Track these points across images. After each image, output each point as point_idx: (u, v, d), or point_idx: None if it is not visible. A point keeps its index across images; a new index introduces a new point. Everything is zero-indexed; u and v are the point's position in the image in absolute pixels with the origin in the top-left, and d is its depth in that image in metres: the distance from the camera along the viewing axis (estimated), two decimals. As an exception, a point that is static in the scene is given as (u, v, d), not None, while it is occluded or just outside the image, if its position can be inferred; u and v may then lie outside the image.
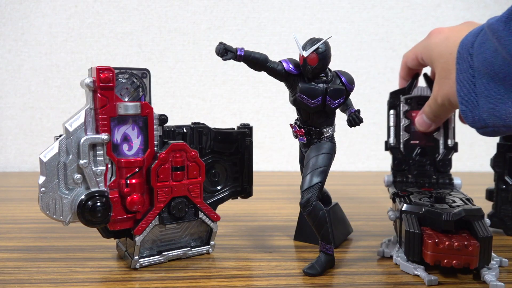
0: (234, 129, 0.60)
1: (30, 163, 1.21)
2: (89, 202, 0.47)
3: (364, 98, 1.23)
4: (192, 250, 0.56)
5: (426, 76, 0.66)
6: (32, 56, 1.18)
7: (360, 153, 1.26)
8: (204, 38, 1.20)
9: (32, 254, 0.56)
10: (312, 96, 0.50)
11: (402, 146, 0.65)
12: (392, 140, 0.66)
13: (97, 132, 0.48)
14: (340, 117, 0.55)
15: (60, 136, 0.47)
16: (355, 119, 0.51)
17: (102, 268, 0.52)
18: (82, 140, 0.47)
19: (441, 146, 0.65)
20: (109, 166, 0.49)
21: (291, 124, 0.55)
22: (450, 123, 0.65)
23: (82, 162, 0.47)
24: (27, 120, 1.20)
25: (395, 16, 1.22)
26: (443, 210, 0.50)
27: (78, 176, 0.47)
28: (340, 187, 0.99)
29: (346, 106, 0.53)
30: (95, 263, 0.53)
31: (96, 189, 0.48)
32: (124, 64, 1.17)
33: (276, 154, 1.24)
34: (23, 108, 1.20)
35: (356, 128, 0.56)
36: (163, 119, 0.52)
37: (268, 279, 0.49)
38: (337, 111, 0.54)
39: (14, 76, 1.19)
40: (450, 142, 0.64)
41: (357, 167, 1.26)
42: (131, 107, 0.49)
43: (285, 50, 1.20)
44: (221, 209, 0.59)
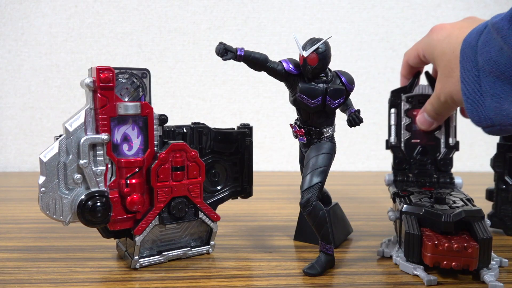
0: (234, 129, 0.60)
1: (30, 163, 1.21)
2: (89, 202, 0.47)
3: (364, 98, 1.23)
4: (192, 250, 0.56)
5: (428, 74, 0.65)
6: (32, 56, 1.18)
7: (360, 153, 1.26)
8: (204, 38, 1.20)
9: (32, 254, 0.56)
10: (312, 96, 0.50)
11: (403, 145, 0.65)
12: (393, 139, 0.65)
13: (97, 132, 0.48)
14: (340, 117, 0.55)
15: (60, 136, 0.47)
16: (355, 119, 0.51)
17: (102, 268, 0.52)
18: (82, 140, 0.47)
19: (442, 145, 0.64)
20: (109, 166, 0.49)
21: (291, 124, 0.55)
22: (451, 122, 0.64)
23: (82, 162, 0.47)
24: (27, 120, 1.20)
25: (395, 16, 1.22)
26: (443, 212, 0.50)
27: (78, 176, 0.47)
28: (340, 187, 0.99)
29: (346, 106, 0.53)
30: (95, 263, 0.53)
31: (96, 189, 0.48)
32: (124, 64, 1.17)
33: (276, 154, 1.24)
34: (23, 108, 1.20)
35: (356, 128, 0.56)
36: (163, 119, 0.52)
37: (268, 279, 0.49)
38: (337, 111, 0.54)
39: (14, 76, 1.19)
40: (452, 141, 0.64)
41: (357, 167, 1.26)
42: (131, 107, 0.49)
43: (285, 50, 1.20)
44: (221, 209, 0.59)
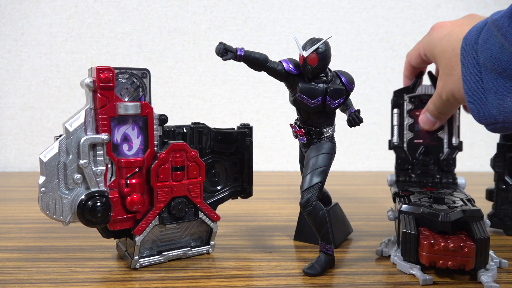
0: (234, 129, 0.60)
1: (30, 163, 1.21)
2: (89, 202, 0.47)
3: (364, 98, 1.23)
4: (192, 250, 0.56)
5: (431, 74, 0.65)
6: (32, 56, 1.18)
7: (360, 153, 1.26)
8: (204, 38, 1.20)
9: (32, 254, 0.56)
10: (312, 96, 0.50)
11: (405, 145, 0.65)
12: (396, 139, 0.65)
13: (97, 132, 0.48)
14: (340, 117, 0.55)
15: (60, 136, 0.47)
16: (355, 119, 0.51)
17: (102, 268, 0.52)
18: (82, 140, 0.47)
19: (445, 145, 0.64)
20: (109, 166, 0.49)
21: (291, 124, 0.55)
22: (454, 122, 0.64)
23: (82, 162, 0.47)
24: (27, 120, 1.20)
25: (395, 16, 1.22)
26: (440, 211, 0.50)
27: (78, 176, 0.47)
28: (340, 187, 0.99)
29: (346, 106, 0.53)
30: (95, 263, 0.53)
31: (96, 189, 0.48)
32: (124, 64, 1.17)
33: (276, 154, 1.24)
34: (23, 108, 1.20)
35: (356, 128, 0.56)
36: (163, 119, 0.52)
37: (268, 279, 0.49)
38: (337, 111, 0.54)
39: (14, 76, 1.19)
40: (455, 141, 0.64)
41: (357, 167, 1.26)
42: (131, 107, 0.49)
43: (285, 50, 1.20)
44: (221, 209, 0.59)
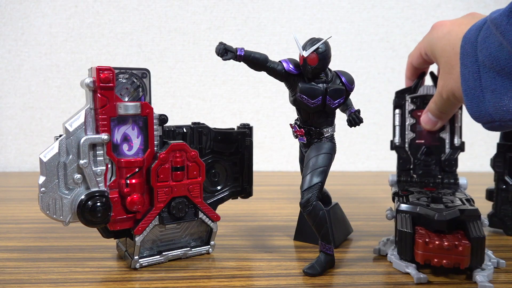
0: (234, 129, 0.60)
1: (30, 163, 1.21)
2: (89, 202, 0.47)
3: (364, 98, 1.23)
4: (192, 250, 0.56)
5: (433, 74, 0.65)
6: (32, 56, 1.18)
7: (360, 153, 1.26)
8: (204, 38, 1.20)
9: (32, 254, 0.56)
10: (312, 96, 0.50)
11: (407, 145, 0.65)
12: (398, 139, 0.65)
13: (97, 132, 0.48)
14: (340, 117, 0.55)
15: (60, 136, 0.47)
16: (355, 119, 0.52)
17: (102, 268, 0.52)
18: (82, 140, 0.47)
19: (447, 146, 0.64)
20: (109, 166, 0.49)
21: (291, 124, 0.55)
22: (456, 122, 0.64)
23: (82, 162, 0.47)
24: (27, 120, 1.20)
25: (395, 16, 1.22)
26: (437, 210, 0.50)
27: (78, 176, 0.47)
28: (340, 187, 0.99)
29: (346, 106, 0.53)
30: (95, 263, 0.53)
31: (96, 189, 0.48)
32: (124, 64, 1.17)
33: (276, 154, 1.24)
34: (23, 108, 1.20)
35: (356, 128, 0.56)
36: (163, 119, 0.52)
37: (268, 279, 0.49)
38: (337, 111, 0.54)
39: (14, 76, 1.19)
40: (457, 141, 0.63)
41: (357, 167, 1.26)
42: (131, 107, 0.49)
43: (285, 50, 1.20)
44: (221, 209, 0.59)
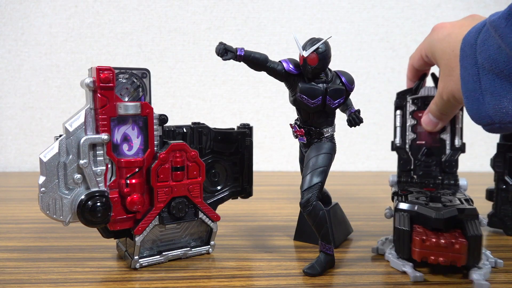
0: (234, 129, 0.60)
1: (30, 163, 1.21)
2: (89, 202, 0.47)
3: (364, 98, 1.23)
4: (192, 250, 0.56)
5: (434, 76, 0.65)
6: (32, 56, 1.18)
7: (360, 153, 1.26)
8: (204, 38, 1.20)
9: (32, 254, 0.56)
10: (312, 96, 0.50)
11: (408, 146, 0.65)
12: (398, 140, 0.65)
13: (97, 132, 0.48)
14: (340, 117, 0.55)
15: (60, 136, 0.47)
16: (355, 119, 0.52)
17: (102, 268, 0.52)
18: (82, 140, 0.47)
19: (447, 147, 0.64)
20: (109, 166, 0.49)
21: (291, 124, 0.55)
22: (457, 123, 0.64)
23: (82, 162, 0.47)
24: (27, 120, 1.20)
25: (395, 16, 1.22)
26: (435, 209, 0.51)
27: (78, 176, 0.47)
28: (340, 187, 0.99)
29: (346, 106, 0.53)
30: (95, 263, 0.53)
31: (96, 189, 0.48)
32: (124, 64, 1.17)
33: (276, 154, 1.24)
34: (23, 108, 1.20)
35: (356, 128, 0.56)
36: (163, 119, 0.52)
37: (268, 279, 0.49)
38: (337, 111, 0.54)
39: (14, 76, 1.19)
40: (457, 142, 0.64)
41: (357, 167, 1.26)
42: (131, 107, 0.49)
43: (285, 50, 1.20)
44: (221, 209, 0.59)
